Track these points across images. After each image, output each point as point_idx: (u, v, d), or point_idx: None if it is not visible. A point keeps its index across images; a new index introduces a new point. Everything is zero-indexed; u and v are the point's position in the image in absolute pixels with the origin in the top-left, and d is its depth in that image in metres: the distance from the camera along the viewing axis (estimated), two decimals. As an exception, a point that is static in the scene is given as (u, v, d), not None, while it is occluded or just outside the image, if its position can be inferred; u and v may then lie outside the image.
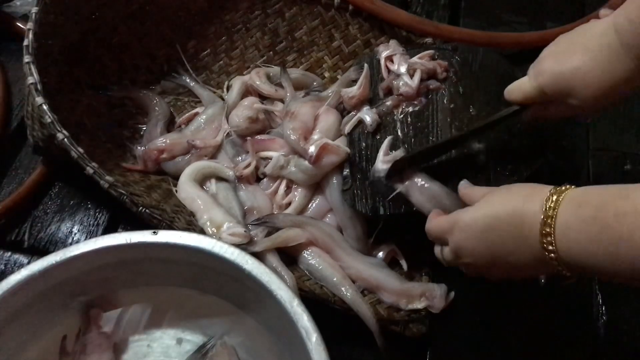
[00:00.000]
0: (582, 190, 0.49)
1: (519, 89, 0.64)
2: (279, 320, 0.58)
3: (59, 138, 0.67)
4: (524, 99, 0.64)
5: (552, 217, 0.48)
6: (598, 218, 0.45)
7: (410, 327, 0.69)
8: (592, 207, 0.46)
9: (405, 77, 0.75)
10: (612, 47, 0.55)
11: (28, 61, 0.69)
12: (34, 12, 0.72)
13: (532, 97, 0.62)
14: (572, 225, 0.47)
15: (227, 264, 0.60)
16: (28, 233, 0.77)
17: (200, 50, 0.94)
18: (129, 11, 0.89)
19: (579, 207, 0.47)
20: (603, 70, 0.56)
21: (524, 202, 0.51)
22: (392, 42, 0.81)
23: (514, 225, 0.51)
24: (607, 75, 0.56)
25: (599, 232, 0.44)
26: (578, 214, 0.46)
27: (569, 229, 0.47)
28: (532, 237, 0.50)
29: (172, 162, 0.81)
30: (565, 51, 0.59)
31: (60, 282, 0.61)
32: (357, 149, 0.74)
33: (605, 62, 0.56)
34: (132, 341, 0.66)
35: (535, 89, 0.61)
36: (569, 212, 0.47)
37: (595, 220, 0.45)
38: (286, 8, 0.93)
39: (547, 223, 0.48)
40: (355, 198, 0.71)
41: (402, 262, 0.74)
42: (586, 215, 0.46)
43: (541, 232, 0.48)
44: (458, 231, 0.57)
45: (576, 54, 0.58)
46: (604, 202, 0.45)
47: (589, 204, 0.46)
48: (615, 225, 0.43)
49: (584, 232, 0.46)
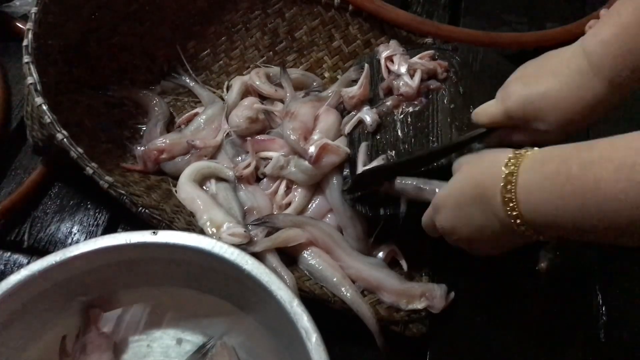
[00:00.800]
0: (544, 150, 0.47)
1: (485, 112, 0.63)
2: (279, 320, 0.58)
3: (59, 138, 0.67)
4: (490, 122, 0.63)
5: (513, 182, 0.46)
6: (562, 171, 0.43)
7: (410, 327, 0.69)
8: (555, 162, 0.44)
9: (405, 77, 0.75)
10: (582, 71, 0.54)
11: (28, 61, 0.69)
12: (34, 12, 0.72)
13: (498, 120, 0.62)
14: (534, 184, 0.45)
15: (227, 264, 0.60)
16: (28, 233, 0.77)
17: (200, 50, 0.94)
18: (129, 11, 0.89)
19: (542, 164, 0.45)
20: (572, 95, 0.55)
21: (485, 171, 0.51)
22: (392, 42, 0.81)
23: (479, 197, 0.51)
24: (576, 100, 0.55)
25: (563, 184, 0.42)
26: (540, 171, 0.45)
27: (531, 188, 0.45)
28: (496, 206, 0.48)
29: (171, 162, 0.81)
30: (534, 75, 0.59)
31: (60, 282, 0.61)
32: (357, 149, 0.74)
33: (574, 87, 0.55)
34: (132, 341, 0.66)
35: (501, 112, 0.60)
36: (531, 171, 0.46)
37: (558, 175, 0.43)
38: (286, 8, 0.93)
39: (507, 189, 0.46)
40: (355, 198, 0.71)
41: (402, 262, 0.74)
42: (549, 171, 0.44)
43: (503, 199, 0.47)
44: (438, 212, 0.58)
45: (544, 78, 0.57)
46: (567, 155, 0.44)
47: (551, 160, 0.45)
48: (581, 175, 0.41)
49: (547, 188, 0.44)
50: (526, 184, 0.46)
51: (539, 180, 0.45)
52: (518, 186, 0.46)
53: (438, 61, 0.77)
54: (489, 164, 0.51)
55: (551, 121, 0.57)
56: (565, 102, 0.55)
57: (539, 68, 0.59)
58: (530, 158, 0.47)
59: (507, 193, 0.46)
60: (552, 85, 0.56)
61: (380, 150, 0.73)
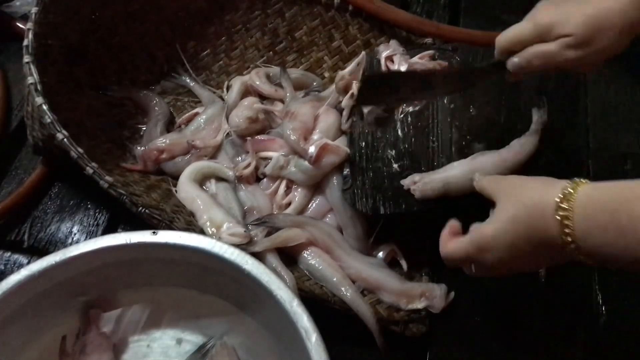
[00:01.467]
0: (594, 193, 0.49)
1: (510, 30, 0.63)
2: (279, 320, 0.58)
3: (59, 138, 0.67)
4: (516, 38, 0.62)
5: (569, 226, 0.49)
6: (613, 224, 0.46)
7: (410, 327, 0.69)
8: (606, 215, 0.47)
9: None
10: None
11: (28, 61, 0.69)
12: (34, 12, 0.72)
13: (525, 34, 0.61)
14: (590, 233, 0.48)
15: (227, 264, 0.60)
16: (28, 233, 0.77)
17: (200, 50, 0.94)
18: (129, 11, 0.89)
19: (593, 214, 0.48)
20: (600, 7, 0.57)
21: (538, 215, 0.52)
22: (392, 42, 0.81)
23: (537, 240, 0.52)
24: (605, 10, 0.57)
25: (616, 238, 0.46)
26: (594, 224, 0.48)
27: (587, 235, 0.48)
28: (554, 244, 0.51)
29: (171, 162, 0.81)
30: None
31: (60, 282, 0.61)
32: (357, 149, 0.74)
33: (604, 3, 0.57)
34: (132, 341, 0.66)
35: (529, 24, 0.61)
36: (584, 220, 0.49)
37: (610, 228, 0.47)
38: (286, 8, 0.93)
39: (565, 233, 0.49)
40: (355, 197, 0.71)
41: (402, 262, 0.74)
42: (601, 224, 0.47)
43: (563, 241, 0.50)
44: (485, 252, 0.56)
45: None
46: (616, 206, 0.47)
47: (602, 212, 0.48)
48: (631, 229, 0.45)
49: (601, 237, 0.47)
50: (583, 230, 0.49)
51: (593, 230, 0.48)
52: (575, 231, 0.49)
53: (438, 61, 0.77)
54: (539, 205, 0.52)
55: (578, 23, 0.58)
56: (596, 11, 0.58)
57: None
58: (580, 206, 0.49)
59: (566, 236, 0.49)
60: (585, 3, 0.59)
61: (381, 150, 0.73)
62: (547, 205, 0.50)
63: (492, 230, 0.55)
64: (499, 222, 0.55)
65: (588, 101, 0.91)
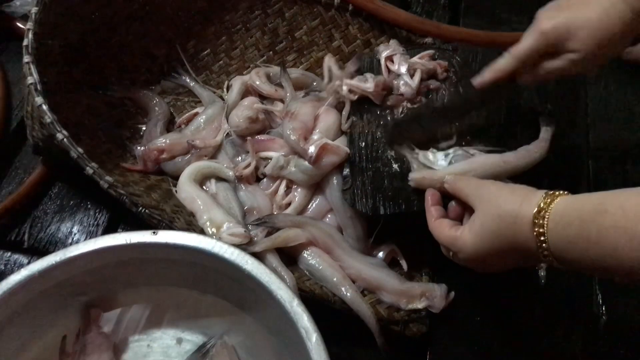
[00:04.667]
0: (564, 206, 0.52)
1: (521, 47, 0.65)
2: (279, 320, 0.58)
3: (59, 138, 0.67)
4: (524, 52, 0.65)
5: (545, 241, 0.52)
6: (583, 236, 0.49)
7: (410, 327, 0.69)
8: (576, 226, 0.50)
9: (405, 77, 0.75)
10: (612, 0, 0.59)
11: (28, 61, 0.69)
12: (34, 12, 0.72)
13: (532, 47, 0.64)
14: (562, 245, 0.51)
15: (227, 264, 0.60)
16: (28, 233, 0.77)
17: (200, 50, 0.94)
18: (129, 11, 0.89)
19: (564, 227, 0.51)
20: (602, 18, 0.59)
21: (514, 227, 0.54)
22: (392, 42, 0.81)
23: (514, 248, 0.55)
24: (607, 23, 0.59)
25: (586, 249, 0.49)
26: (565, 234, 0.50)
27: (560, 248, 0.51)
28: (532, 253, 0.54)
29: (172, 162, 0.81)
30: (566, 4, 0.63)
31: (60, 282, 0.61)
32: (357, 149, 0.74)
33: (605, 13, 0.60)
34: (132, 341, 0.66)
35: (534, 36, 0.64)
36: (556, 234, 0.51)
37: (581, 239, 0.49)
38: (286, 8, 0.93)
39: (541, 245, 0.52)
40: (355, 197, 0.71)
41: (402, 262, 0.74)
42: (572, 235, 0.50)
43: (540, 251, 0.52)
44: (464, 254, 0.60)
45: (576, 7, 0.61)
46: (585, 218, 0.49)
47: (572, 224, 0.50)
48: (600, 241, 0.48)
49: (573, 249, 0.50)
50: (556, 243, 0.51)
51: (564, 244, 0.51)
52: (549, 244, 0.52)
53: (438, 61, 0.77)
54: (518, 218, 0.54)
55: (583, 38, 0.61)
56: (597, 23, 0.60)
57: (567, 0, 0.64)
58: (552, 220, 0.51)
59: (541, 246, 0.52)
60: (585, 11, 0.61)
61: (381, 150, 0.73)
62: (524, 219, 0.53)
63: (472, 239, 0.58)
64: (478, 233, 0.58)
65: (588, 101, 0.91)
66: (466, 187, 0.62)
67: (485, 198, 0.59)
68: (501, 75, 0.68)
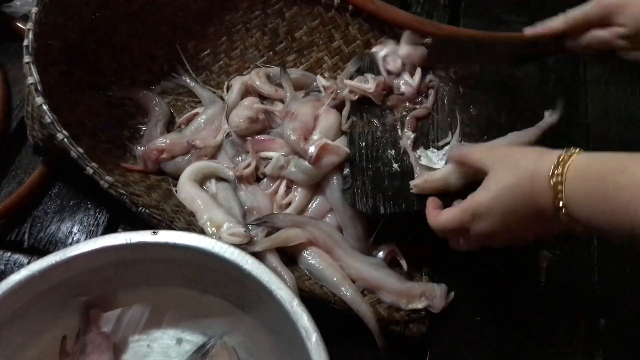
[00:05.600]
0: (586, 161, 0.51)
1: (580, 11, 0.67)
2: (279, 320, 0.58)
3: (59, 138, 0.67)
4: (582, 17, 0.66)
5: (561, 192, 0.51)
6: (599, 191, 0.48)
7: (410, 327, 0.69)
8: (594, 181, 0.49)
9: (405, 76, 0.75)
10: None
11: (28, 61, 0.69)
12: (34, 12, 0.72)
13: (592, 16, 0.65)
14: (578, 199, 0.50)
15: (227, 264, 0.60)
16: (28, 233, 0.77)
17: (200, 50, 0.94)
18: (129, 11, 0.89)
19: (582, 180, 0.50)
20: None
21: (533, 179, 0.53)
22: (387, 42, 0.81)
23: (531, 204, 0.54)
24: None
25: (601, 203, 0.48)
26: (583, 188, 0.50)
27: (577, 202, 0.50)
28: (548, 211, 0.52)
29: (172, 162, 0.81)
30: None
31: (60, 282, 0.61)
32: (357, 149, 0.74)
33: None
34: (132, 341, 0.66)
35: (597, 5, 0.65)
36: (575, 187, 0.50)
37: (597, 193, 0.49)
38: (286, 8, 0.93)
39: (557, 197, 0.51)
40: (355, 197, 0.71)
41: (402, 262, 0.74)
42: (589, 189, 0.49)
43: (555, 207, 0.51)
44: (480, 219, 0.57)
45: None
46: (604, 174, 0.49)
47: (590, 178, 0.50)
48: (616, 197, 0.47)
49: (590, 204, 0.49)
50: (572, 197, 0.51)
51: (581, 197, 0.50)
52: (565, 197, 0.51)
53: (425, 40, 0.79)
54: (535, 172, 0.53)
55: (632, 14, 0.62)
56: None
57: None
58: (572, 171, 0.51)
59: (558, 201, 0.51)
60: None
61: (381, 150, 0.73)
62: (542, 172, 0.52)
63: (487, 197, 0.56)
64: (494, 190, 0.56)
65: (588, 101, 0.91)
66: (475, 152, 0.62)
67: (499, 157, 0.58)
68: (550, 32, 0.69)
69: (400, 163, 0.72)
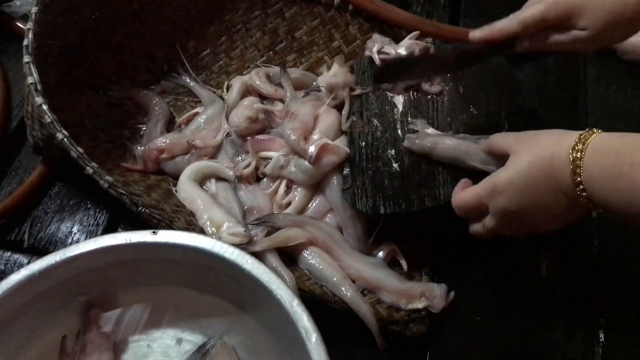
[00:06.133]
0: (606, 139, 0.52)
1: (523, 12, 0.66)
2: (279, 320, 0.58)
3: (59, 138, 0.67)
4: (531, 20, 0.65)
5: (580, 168, 0.51)
6: (615, 167, 0.49)
7: (410, 327, 0.69)
8: (612, 157, 0.50)
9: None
10: None
11: (28, 61, 0.69)
12: (34, 12, 0.72)
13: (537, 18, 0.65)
14: (596, 174, 0.51)
15: (227, 264, 0.60)
16: (28, 233, 0.77)
17: (200, 50, 0.94)
18: (129, 11, 0.88)
19: (600, 156, 0.51)
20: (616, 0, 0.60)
21: (553, 156, 0.54)
22: (375, 36, 0.82)
23: (550, 179, 0.54)
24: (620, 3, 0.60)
25: (617, 180, 0.49)
26: (599, 163, 0.51)
27: (594, 176, 0.51)
28: (566, 187, 0.53)
29: (172, 162, 0.81)
30: None
31: (60, 282, 0.61)
32: (357, 149, 0.74)
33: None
34: (132, 341, 0.66)
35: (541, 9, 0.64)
36: (592, 162, 0.51)
37: (613, 170, 0.49)
38: (286, 8, 0.93)
39: (576, 173, 0.52)
40: (355, 197, 0.71)
41: (402, 262, 0.74)
42: (606, 165, 0.50)
43: (573, 181, 0.52)
44: (499, 195, 0.58)
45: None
46: (623, 151, 0.49)
47: (608, 154, 0.50)
48: (632, 175, 0.48)
49: (605, 180, 0.50)
50: (590, 172, 0.51)
51: (598, 172, 0.51)
52: (584, 172, 0.51)
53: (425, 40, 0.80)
54: (555, 149, 0.54)
55: (593, 17, 0.61)
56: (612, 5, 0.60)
57: None
58: (591, 147, 0.51)
59: (576, 176, 0.52)
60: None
61: (381, 149, 0.73)
62: (563, 149, 0.53)
63: (507, 174, 0.57)
64: (514, 167, 0.57)
65: (588, 101, 0.91)
66: (503, 139, 0.62)
67: (524, 141, 0.58)
68: (499, 36, 0.68)
69: (400, 163, 0.72)
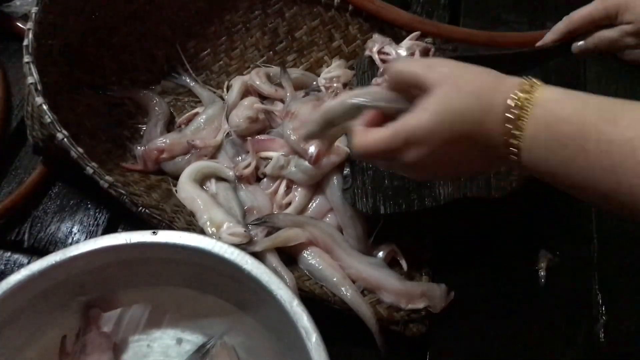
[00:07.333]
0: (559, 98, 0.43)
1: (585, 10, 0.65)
2: (279, 320, 0.58)
3: (59, 138, 0.67)
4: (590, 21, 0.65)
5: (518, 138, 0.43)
6: (576, 140, 0.40)
7: (410, 327, 0.69)
8: (573, 125, 0.41)
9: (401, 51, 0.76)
10: None
11: (28, 61, 0.69)
12: (34, 12, 0.72)
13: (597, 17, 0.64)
14: (542, 140, 0.42)
15: (227, 264, 0.60)
16: (28, 233, 0.77)
17: (200, 50, 0.94)
18: (129, 11, 0.88)
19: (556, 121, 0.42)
20: None
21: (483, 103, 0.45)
22: (376, 36, 0.81)
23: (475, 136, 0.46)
24: None
25: (574, 155, 0.41)
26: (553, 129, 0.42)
27: (538, 142, 0.42)
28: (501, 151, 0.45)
29: (172, 162, 0.81)
30: None
31: (60, 282, 0.61)
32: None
33: None
34: (132, 341, 0.66)
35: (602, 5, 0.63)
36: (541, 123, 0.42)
37: (572, 143, 0.41)
38: (286, 8, 0.93)
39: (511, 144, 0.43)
40: (355, 197, 0.71)
41: (402, 262, 0.74)
42: (562, 133, 0.41)
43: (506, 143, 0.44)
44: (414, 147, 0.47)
45: None
46: (587, 121, 0.41)
47: (568, 121, 0.41)
48: (597, 153, 0.40)
49: (555, 150, 0.42)
50: (534, 135, 0.42)
51: (548, 138, 0.42)
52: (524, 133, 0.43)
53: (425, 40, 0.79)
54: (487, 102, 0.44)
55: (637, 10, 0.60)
56: None
57: None
58: (542, 105, 0.42)
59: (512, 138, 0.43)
60: None
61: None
62: (496, 105, 0.44)
63: (427, 120, 0.46)
64: (435, 113, 0.46)
65: (588, 101, 0.91)
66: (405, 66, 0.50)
67: (446, 73, 0.47)
68: (559, 37, 0.68)
69: (400, 163, 0.72)
